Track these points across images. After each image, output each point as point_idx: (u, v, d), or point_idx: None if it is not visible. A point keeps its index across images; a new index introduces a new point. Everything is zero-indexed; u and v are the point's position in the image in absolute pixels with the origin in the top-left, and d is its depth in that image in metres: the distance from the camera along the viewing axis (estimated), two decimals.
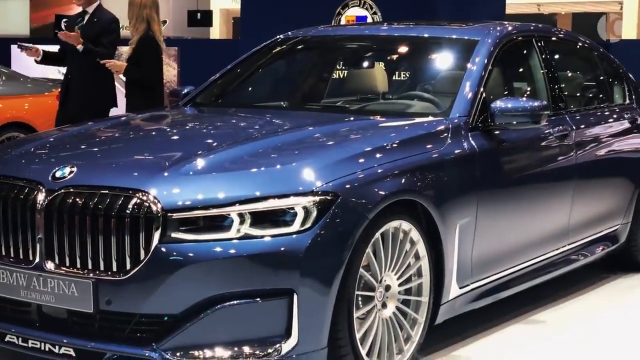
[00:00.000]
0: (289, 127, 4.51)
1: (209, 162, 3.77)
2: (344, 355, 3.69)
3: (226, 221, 3.51)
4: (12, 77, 8.90)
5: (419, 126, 4.44)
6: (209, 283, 3.48)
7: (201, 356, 3.49)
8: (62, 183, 3.67)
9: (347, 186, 3.69)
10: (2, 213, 3.76)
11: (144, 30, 6.92)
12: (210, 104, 5.33)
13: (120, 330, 3.56)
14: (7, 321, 3.80)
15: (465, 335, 4.59)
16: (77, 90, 7.03)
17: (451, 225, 4.16)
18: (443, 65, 5.27)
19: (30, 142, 4.35)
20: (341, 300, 3.62)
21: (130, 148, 4.24)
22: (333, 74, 5.93)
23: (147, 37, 6.93)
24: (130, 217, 3.50)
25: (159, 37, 7.01)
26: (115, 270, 3.52)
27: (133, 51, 6.96)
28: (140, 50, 6.92)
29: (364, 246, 3.72)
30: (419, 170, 4.04)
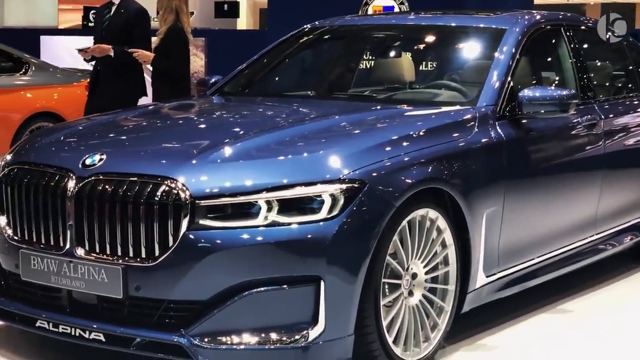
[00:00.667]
0: (315, 115, 4.53)
1: (236, 150, 3.79)
2: (371, 342, 3.70)
3: (254, 208, 3.53)
4: (41, 67, 8.96)
5: (446, 115, 4.44)
6: (236, 270, 3.51)
7: (229, 342, 3.52)
8: (92, 170, 3.71)
9: (374, 174, 3.70)
10: (33, 200, 3.81)
11: (172, 21, 6.96)
12: (237, 93, 5.35)
13: (149, 316, 3.60)
14: (37, 307, 3.85)
15: (491, 324, 4.58)
16: (107, 82, 7.08)
17: (478, 214, 4.16)
18: (470, 54, 5.25)
19: (59, 131, 4.40)
20: (368, 287, 3.63)
21: (158, 136, 4.27)
22: (360, 64, 5.93)
23: (175, 28, 6.97)
24: (158, 204, 3.53)
25: (187, 28, 7.04)
26: (144, 256, 3.56)
27: (161, 42, 7.00)
28: (168, 41, 6.96)
29: (390, 234, 3.73)
30: (446, 158, 4.05)
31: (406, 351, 3.89)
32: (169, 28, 6.96)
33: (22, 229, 3.87)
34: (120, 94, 6.96)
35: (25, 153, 4.11)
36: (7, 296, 3.99)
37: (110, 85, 7.04)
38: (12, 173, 3.96)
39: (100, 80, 7.13)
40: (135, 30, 7.01)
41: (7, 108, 8.41)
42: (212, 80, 5.53)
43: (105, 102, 6.84)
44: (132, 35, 6.99)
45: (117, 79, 7.04)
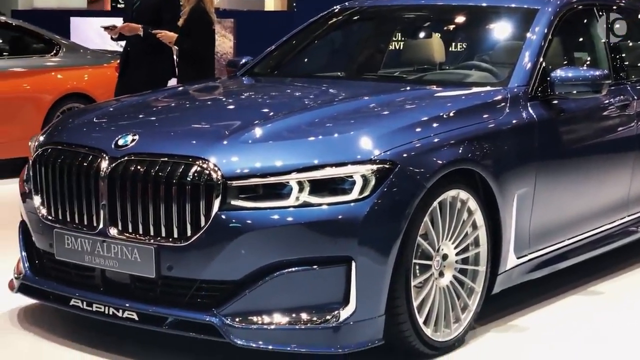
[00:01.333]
0: (346, 96, 4.52)
1: (267, 130, 3.80)
2: (401, 323, 3.71)
3: (285, 189, 3.54)
4: (71, 48, 8.99)
5: (476, 96, 4.42)
6: (268, 250, 3.53)
7: (260, 322, 3.54)
8: (124, 151, 3.74)
9: (404, 155, 3.70)
10: (67, 180, 3.85)
11: (195, 2, 6.98)
12: (267, 74, 5.35)
13: (181, 295, 3.63)
14: (71, 286, 3.90)
15: (522, 306, 4.58)
16: (136, 63, 7.12)
17: (509, 195, 4.15)
18: (502, 35, 5.22)
19: (92, 111, 4.43)
20: (399, 268, 3.64)
21: (190, 117, 4.29)
22: (390, 45, 5.92)
23: (198, 8, 6.99)
24: (190, 184, 3.55)
25: (210, 9, 7.05)
26: (176, 236, 3.58)
27: (184, 22, 7.03)
28: (191, 22, 6.99)
29: (421, 215, 3.73)
30: (477, 139, 4.03)
31: (436, 332, 3.89)
32: (192, 8, 6.98)
33: (55, 208, 3.91)
34: (150, 75, 7.00)
35: (58, 134, 4.15)
36: (42, 275, 4.04)
37: (140, 67, 7.09)
38: (45, 153, 4.00)
39: (130, 61, 7.17)
40: (164, 12, 7.04)
41: (38, 89, 8.46)
42: (242, 61, 5.54)
43: (135, 84, 6.89)
44: (161, 17, 7.02)
45: (147, 61, 7.07)
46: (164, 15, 7.04)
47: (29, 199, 4.09)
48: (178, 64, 7.17)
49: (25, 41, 8.76)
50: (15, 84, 8.31)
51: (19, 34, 8.79)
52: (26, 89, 8.37)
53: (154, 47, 6.99)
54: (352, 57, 5.83)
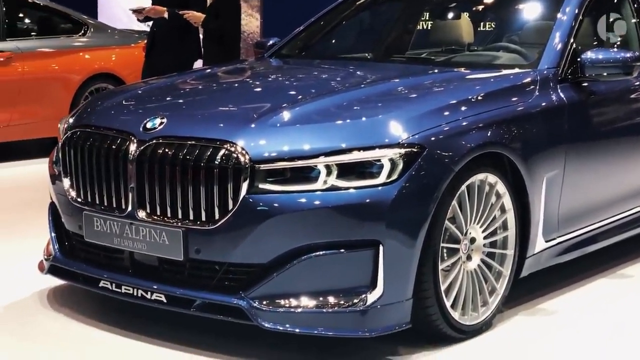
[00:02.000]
0: (373, 79, 4.50)
1: (295, 114, 3.79)
2: (429, 306, 3.71)
3: (313, 172, 3.54)
4: (99, 28, 9.02)
5: (505, 78, 4.38)
6: (295, 234, 3.53)
7: (287, 305, 3.55)
8: (152, 134, 3.75)
9: (433, 138, 3.68)
10: (96, 163, 3.87)
11: None
12: (295, 56, 5.34)
13: (209, 278, 3.65)
14: (100, 267, 3.93)
15: (550, 289, 4.56)
16: (163, 44, 7.14)
17: (538, 178, 4.12)
18: (531, 16, 5.17)
19: (120, 94, 4.44)
20: (426, 252, 3.63)
21: (217, 99, 4.29)
22: (418, 26, 5.87)
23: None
24: (218, 168, 3.56)
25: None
26: (204, 219, 3.59)
27: (213, 2, 7.03)
28: (219, 2, 6.98)
29: (449, 198, 3.71)
30: (506, 122, 4.00)
31: (464, 315, 3.89)
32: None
33: (85, 191, 3.93)
34: (176, 57, 7.02)
35: (87, 116, 4.17)
36: (71, 257, 4.08)
37: (167, 48, 7.10)
38: (74, 136, 4.02)
39: (156, 43, 7.18)
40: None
41: (66, 69, 8.50)
42: (269, 42, 5.53)
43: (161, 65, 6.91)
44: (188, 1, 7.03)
45: (173, 42, 7.08)
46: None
47: (58, 181, 4.12)
48: (204, 45, 7.17)
49: (53, 21, 8.81)
50: (44, 65, 8.36)
51: (47, 14, 8.83)
52: (54, 69, 8.42)
53: (180, 28, 6.99)
54: (381, 38, 5.80)
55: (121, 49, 9.00)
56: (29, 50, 8.23)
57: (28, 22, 8.95)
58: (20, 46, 8.15)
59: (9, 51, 8.03)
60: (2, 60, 7.98)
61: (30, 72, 8.17)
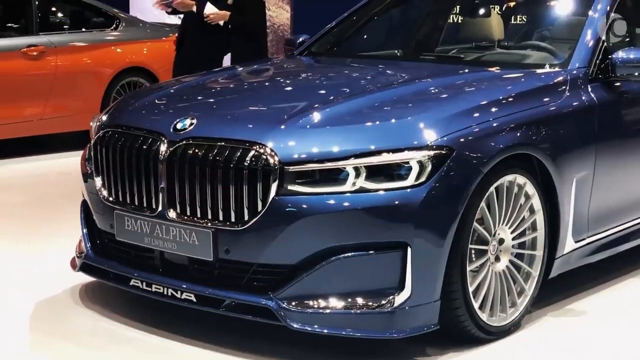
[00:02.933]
0: (403, 79, 4.50)
1: (324, 115, 3.80)
2: (457, 308, 3.71)
3: (342, 174, 3.55)
4: (131, 22, 9.07)
5: (536, 78, 4.36)
6: (324, 235, 3.55)
7: (316, 306, 3.57)
8: (182, 135, 3.78)
9: (461, 140, 3.68)
10: (127, 163, 3.90)
11: None
12: (325, 53, 5.35)
13: (238, 278, 3.68)
14: (131, 266, 3.97)
15: (580, 289, 4.54)
16: (191, 39, 7.19)
17: (568, 179, 4.11)
18: (562, 14, 5.13)
19: (150, 94, 4.48)
20: (454, 253, 3.63)
21: (248, 100, 4.31)
22: (448, 22, 5.85)
23: None
24: (248, 169, 3.58)
25: None
26: (233, 220, 3.62)
27: None
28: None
29: (478, 200, 3.71)
30: (535, 123, 3.99)
31: (492, 317, 3.89)
32: None
33: (116, 190, 3.98)
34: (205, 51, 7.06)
35: (118, 116, 4.21)
36: (102, 255, 4.13)
37: (195, 43, 7.14)
38: (106, 136, 4.06)
39: (186, 37, 7.23)
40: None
41: (98, 63, 8.57)
42: (299, 39, 5.54)
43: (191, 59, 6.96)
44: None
45: (203, 36, 7.11)
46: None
47: (90, 180, 4.17)
48: (231, 41, 7.19)
49: (86, 15, 8.87)
50: (76, 58, 8.42)
51: (79, 8, 8.90)
52: (86, 63, 8.49)
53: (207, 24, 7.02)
54: (411, 34, 5.79)
55: (152, 42, 9.05)
56: (61, 45, 8.30)
57: (60, 16, 9.03)
58: (52, 40, 8.23)
59: (41, 45, 8.10)
60: (35, 55, 8.06)
61: (62, 66, 8.24)
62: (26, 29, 8.24)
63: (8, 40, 8.06)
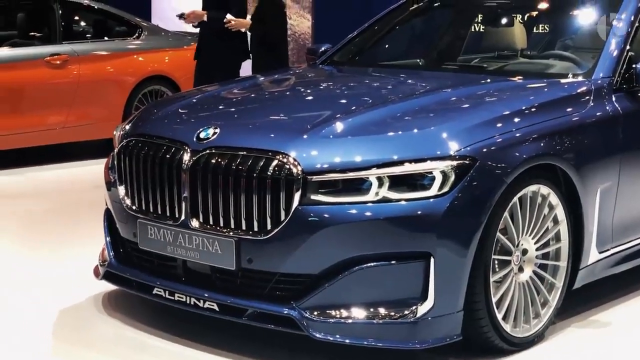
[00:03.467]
0: (426, 89, 4.50)
1: (347, 125, 3.80)
2: (480, 318, 3.70)
3: (365, 184, 3.55)
4: (153, 31, 9.12)
5: (559, 88, 4.34)
6: (347, 245, 3.54)
7: (338, 315, 3.57)
8: (206, 144, 3.78)
9: (485, 150, 3.67)
10: (150, 172, 3.92)
11: None
12: (347, 63, 5.35)
13: (260, 287, 3.68)
14: (154, 275, 3.98)
15: (604, 300, 4.51)
16: (208, 47, 7.22)
17: (592, 189, 4.08)
18: (586, 23, 5.11)
19: (173, 103, 4.49)
20: (478, 264, 3.62)
21: (270, 109, 4.31)
22: (471, 32, 5.84)
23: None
24: (271, 178, 3.58)
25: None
26: (256, 230, 3.62)
27: (256, 8, 7.09)
28: (263, 7, 7.04)
29: (501, 210, 3.70)
30: (559, 134, 3.97)
31: (516, 327, 3.87)
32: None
33: (139, 199, 3.99)
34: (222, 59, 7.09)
35: (142, 125, 4.22)
36: (125, 263, 4.14)
37: (212, 51, 7.18)
38: (129, 145, 4.07)
39: (202, 46, 7.26)
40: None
41: (120, 72, 8.62)
42: (321, 48, 5.54)
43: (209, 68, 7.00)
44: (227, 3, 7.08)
45: (219, 44, 7.14)
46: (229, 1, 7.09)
47: (113, 188, 4.18)
48: (251, 50, 7.21)
49: (108, 24, 8.93)
50: (99, 67, 8.47)
51: (102, 17, 8.96)
52: (109, 72, 8.54)
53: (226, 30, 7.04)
54: (433, 44, 5.78)
55: (174, 51, 9.09)
56: (84, 53, 8.35)
57: (83, 25, 9.09)
58: (75, 49, 8.28)
59: (65, 54, 8.16)
60: (58, 63, 8.11)
61: (85, 74, 8.29)
62: (49, 37, 8.31)
63: (32, 49, 8.12)
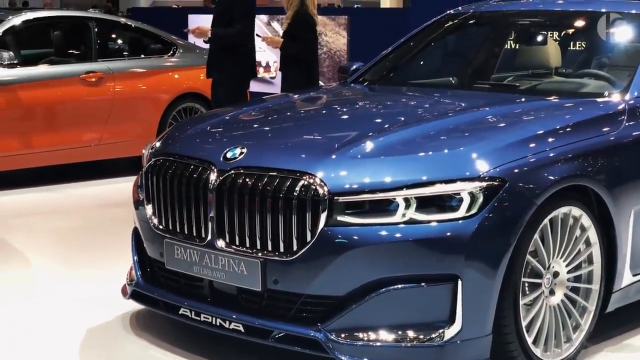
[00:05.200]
0: (457, 108, 4.45)
1: (376, 145, 3.77)
2: (510, 342, 3.63)
3: (392, 205, 3.51)
4: (188, 49, 9.17)
5: (593, 107, 4.27)
6: (373, 267, 3.50)
7: (365, 338, 3.52)
8: (232, 164, 3.77)
9: (515, 171, 3.61)
10: (177, 191, 3.91)
11: (297, 5, 7.03)
12: (379, 81, 5.32)
13: (286, 309, 3.65)
14: (180, 295, 3.97)
15: (638, 324, 4.42)
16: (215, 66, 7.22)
17: (626, 211, 4.01)
18: (620, 42, 5.04)
19: (202, 122, 4.48)
20: (507, 286, 3.56)
21: (298, 128, 4.30)
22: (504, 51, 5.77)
23: (300, 11, 7.03)
24: (297, 199, 3.55)
25: (313, 11, 7.08)
26: (282, 250, 3.59)
27: (288, 26, 7.09)
28: (294, 25, 7.04)
29: (531, 232, 3.64)
30: (592, 154, 3.90)
31: (546, 352, 3.80)
32: (295, 12, 7.04)
33: (166, 218, 3.98)
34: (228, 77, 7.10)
35: (169, 144, 4.22)
36: (152, 283, 4.13)
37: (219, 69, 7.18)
38: (157, 164, 4.07)
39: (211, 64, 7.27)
40: (234, 12, 7.07)
41: (155, 89, 8.67)
42: (353, 67, 5.52)
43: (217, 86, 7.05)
44: (232, 16, 7.07)
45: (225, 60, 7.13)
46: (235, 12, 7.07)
47: (141, 207, 4.18)
48: (282, 69, 7.20)
49: (144, 42, 8.99)
50: (134, 84, 8.53)
51: (138, 35, 9.02)
52: (144, 89, 8.59)
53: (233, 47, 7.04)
54: (465, 64, 5.73)
55: None
56: (119, 71, 8.41)
57: (119, 43, 9.16)
58: (111, 67, 8.34)
59: (100, 71, 8.22)
60: (94, 81, 8.17)
61: (120, 92, 8.35)
62: (85, 55, 8.38)
63: (67, 67, 8.19)
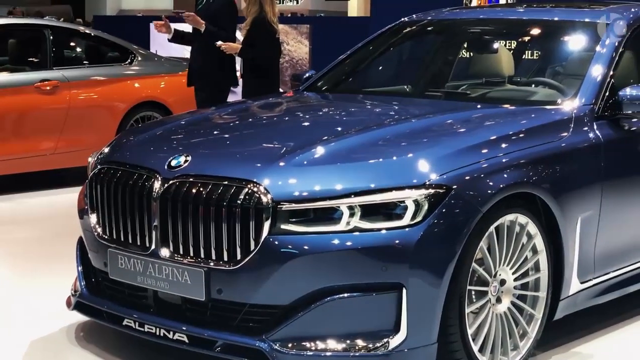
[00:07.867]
0: (407, 116, 4.43)
1: (323, 152, 3.74)
2: (455, 350, 3.62)
3: (336, 214, 3.48)
4: (147, 57, 9.10)
5: (539, 115, 4.27)
6: (318, 275, 3.47)
7: (313, 348, 3.49)
8: (177, 172, 3.73)
9: (460, 179, 3.60)
10: (121, 200, 3.86)
11: (256, 12, 7.05)
12: (332, 89, 5.30)
13: (231, 319, 3.60)
14: (125, 305, 3.91)
15: (586, 331, 4.42)
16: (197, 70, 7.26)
17: (572, 218, 4.01)
18: (570, 51, 5.05)
19: (148, 130, 4.43)
20: (452, 295, 3.55)
21: (245, 136, 4.26)
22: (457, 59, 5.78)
23: (258, 18, 7.05)
24: (240, 207, 3.52)
25: (272, 19, 7.09)
26: (226, 259, 3.55)
27: (247, 32, 7.10)
28: (253, 32, 7.06)
29: (477, 240, 3.63)
30: (538, 162, 3.90)
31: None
32: (253, 19, 7.07)
33: (110, 228, 3.93)
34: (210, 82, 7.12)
35: (114, 152, 4.17)
36: (97, 293, 4.07)
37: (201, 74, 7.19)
38: (102, 172, 4.02)
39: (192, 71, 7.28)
40: (220, 20, 7.14)
41: (112, 97, 8.58)
42: (305, 75, 5.50)
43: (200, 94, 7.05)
44: (218, 24, 7.11)
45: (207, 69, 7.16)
46: (220, 22, 7.12)
47: (86, 216, 4.12)
48: (243, 75, 7.24)
49: (101, 50, 8.91)
50: (90, 93, 8.44)
51: (94, 42, 8.94)
52: (100, 98, 8.51)
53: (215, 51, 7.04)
54: (418, 71, 5.73)
55: (169, 77, 9.07)
56: (75, 79, 8.32)
57: (76, 50, 9.07)
58: (66, 75, 8.25)
59: (55, 80, 8.13)
60: (48, 89, 8.08)
61: (76, 100, 8.26)
62: (40, 63, 8.28)
63: (22, 75, 8.09)
